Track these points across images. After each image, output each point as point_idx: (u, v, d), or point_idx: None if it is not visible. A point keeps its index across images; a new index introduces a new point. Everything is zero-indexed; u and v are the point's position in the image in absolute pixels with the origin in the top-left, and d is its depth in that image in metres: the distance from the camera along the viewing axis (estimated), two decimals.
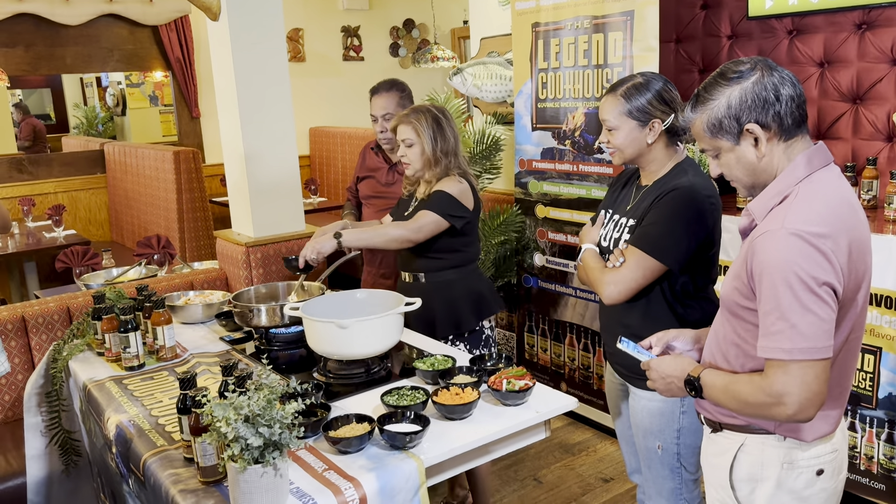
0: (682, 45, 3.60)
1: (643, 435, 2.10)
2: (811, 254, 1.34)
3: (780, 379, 1.37)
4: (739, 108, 1.45)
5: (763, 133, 1.45)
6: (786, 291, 1.34)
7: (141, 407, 2.06)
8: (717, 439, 1.63)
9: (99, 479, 2.35)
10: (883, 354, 2.55)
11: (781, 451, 1.52)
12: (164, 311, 2.37)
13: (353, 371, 2.16)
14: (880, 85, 2.94)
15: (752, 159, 1.48)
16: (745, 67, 1.46)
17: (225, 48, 3.09)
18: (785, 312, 1.35)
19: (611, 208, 2.17)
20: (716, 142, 1.50)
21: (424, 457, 1.70)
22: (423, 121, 2.51)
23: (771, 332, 1.37)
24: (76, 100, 8.37)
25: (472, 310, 2.59)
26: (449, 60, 6.48)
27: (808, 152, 1.46)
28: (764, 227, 1.42)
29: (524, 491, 3.12)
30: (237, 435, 1.45)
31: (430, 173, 2.56)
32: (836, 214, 1.40)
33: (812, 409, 1.37)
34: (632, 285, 1.96)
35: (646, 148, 2.01)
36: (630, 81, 2.00)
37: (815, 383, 1.35)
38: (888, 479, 2.60)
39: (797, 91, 1.45)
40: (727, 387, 1.48)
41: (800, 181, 1.44)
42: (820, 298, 1.34)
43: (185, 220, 5.20)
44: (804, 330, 1.34)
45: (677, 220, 1.93)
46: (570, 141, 3.41)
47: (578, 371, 3.63)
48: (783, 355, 1.36)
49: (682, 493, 2.10)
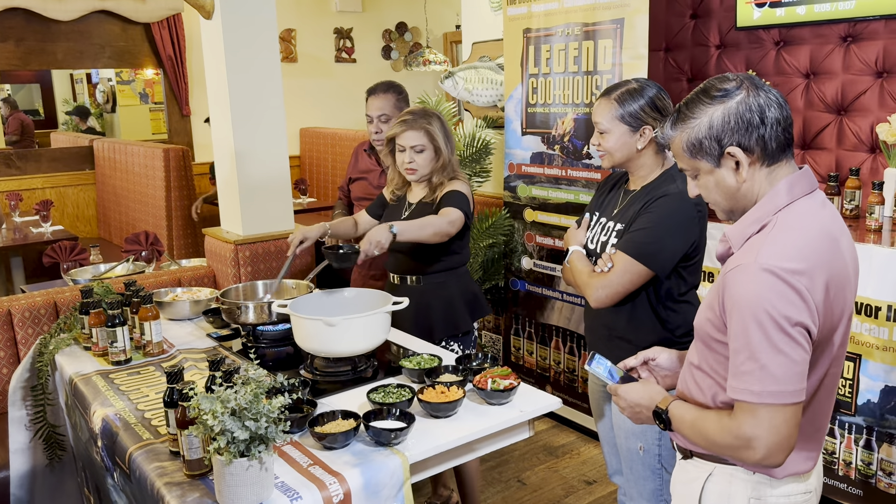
0: (671, 54, 3.65)
1: (625, 436, 2.13)
2: (784, 291, 1.26)
3: (748, 422, 1.29)
4: (721, 130, 1.36)
5: (745, 157, 1.36)
6: (756, 330, 1.27)
7: (127, 401, 2.07)
8: (687, 467, 1.57)
9: (83, 473, 2.35)
10: (862, 361, 2.59)
11: (749, 486, 1.45)
12: (151, 306, 2.37)
13: (339, 369, 2.17)
14: (864, 97, 2.99)
15: (731, 184, 1.40)
16: (731, 86, 1.37)
17: (217, 46, 3.10)
18: (755, 352, 1.27)
19: (597, 211, 2.20)
20: (695, 162, 1.42)
21: (409, 453, 1.71)
22: (436, 125, 2.50)
23: (740, 372, 1.30)
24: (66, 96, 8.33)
25: (468, 310, 2.62)
26: (440, 64, 6.52)
27: (790, 178, 1.38)
28: (737, 259, 1.35)
29: (508, 492, 3.14)
30: (223, 428, 1.47)
31: (438, 177, 2.56)
32: (814, 248, 1.31)
33: (781, 454, 1.30)
34: (619, 290, 1.99)
35: (635, 153, 2.04)
36: (625, 86, 2.03)
37: (784, 427, 1.28)
38: (865, 485, 2.64)
39: (784, 113, 1.36)
40: (694, 423, 1.42)
41: (779, 209, 1.36)
42: (792, 339, 1.26)
43: (173, 217, 5.19)
44: (774, 371, 1.26)
45: (665, 226, 1.96)
46: (559, 146, 3.44)
47: (563, 374, 3.66)
48: (752, 398, 1.28)
49: (662, 494, 2.12)
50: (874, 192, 2.74)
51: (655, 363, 1.68)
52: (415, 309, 2.44)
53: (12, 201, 5.42)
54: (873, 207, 2.73)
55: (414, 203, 2.62)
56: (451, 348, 2.59)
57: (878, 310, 2.54)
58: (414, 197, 2.63)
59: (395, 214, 2.66)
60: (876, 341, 2.55)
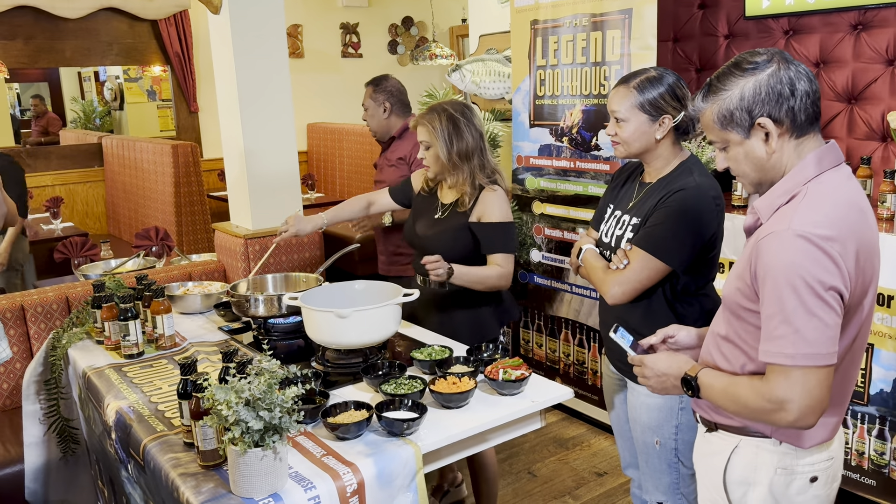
0: (679, 44, 3.63)
1: (641, 430, 2.10)
2: (818, 257, 1.30)
3: (781, 385, 1.32)
4: (752, 101, 1.39)
5: (775, 128, 1.40)
6: (790, 295, 1.30)
7: (140, 393, 2.08)
8: (712, 439, 1.59)
9: (97, 465, 2.36)
10: (875, 351, 2.58)
11: (776, 456, 1.48)
12: (163, 299, 2.38)
13: (350, 360, 2.18)
14: (875, 85, 2.98)
15: (761, 155, 1.42)
16: (762, 59, 1.40)
17: (226, 41, 3.11)
18: (789, 317, 1.31)
19: (612, 203, 2.15)
20: (725, 134, 1.45)
21: (422, 443, 1.72)
22: (438, 122, 2.40)
23: (774, 337, 1.33)
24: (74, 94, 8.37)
25: (497, 316, 2.52)
26: (447, 58, 6.51)
27: (818, 151, 1.42)
28: (769, 227, 1.37)
29: (518, 484, 3.15)
30: (238, 418, 1.47)
31: (453, 178, 2.45)
32: (845, 217, 1.35)
33: (813, 416, 1.33)
34: (636, 286, 1.95)
35: (653, 143, 1.98)
36: (644, 74, 1.97)
37: (817, 390, 1.31)
38: (879, 475, 2.63)
39: (813, 87, 1.40)
40: (726, 388, 1.44)
41: (808, 181, 1.39)
42: (826, 303, 1.30)
43: (182, 213, 5.21)
44: (808, 335, 1.30)
45: (683, 221, 1.91)
46: (567, 138, 3.43)
47: (573, 366, 3.66)
48: (786, 361, 1.31)
49: (679, 488, 2.10)
50: (886, 181, 2.72)
51: (674, 340, 1.70)
52: (439, 319, 2.42)
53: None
54: (885, 196, 2.71)
55: (447, 205, 2.50)
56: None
57: (890, 299, 2.53)
58: (445, 196, 2.53)
59: (425, 212, 2.57)
60: (889, 331, 2.54)
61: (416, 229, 2.55)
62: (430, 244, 2.46)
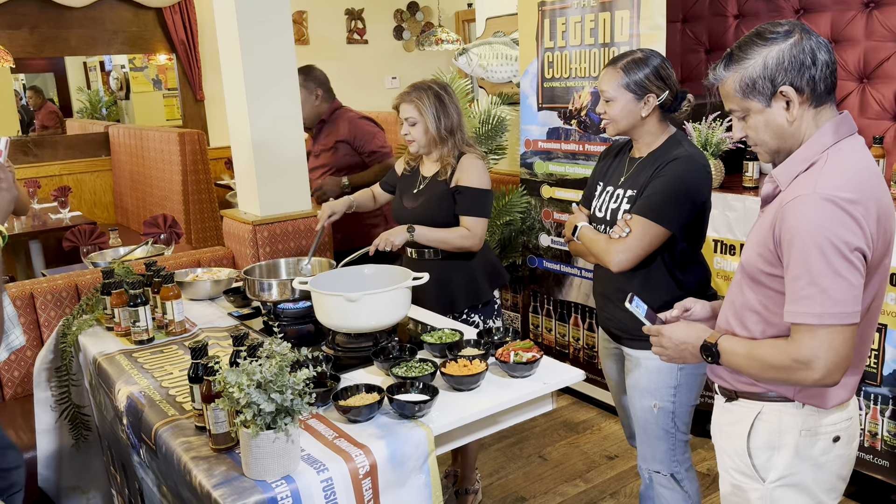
0: (688, 25, 3.59)
1: (639, 395, 2.16)
2: (843, 219, 1.34)
3: (808, 343, 1.36)
4: (776, 69, 1.42)
5: (796, 96, 1.43)
6: (817, 256, 1.34)
7: (151, 379, 2.08)
8: (732, 408, 1.62)
9: (109, 451, 2.37)
10: (888, 331, 2.56)
11: (799, 419, 1.52)
12: (173, 285, 2.38)
13: (361, 344, 2.17)
14: (887, 64, 2.94)
15: (781, 123, 1.46)
16: (784, 29, 1.43)
17: (231, 28, 3.09)
18: (816, 277, 1.34)
19: (601, 181, 2.24)
20: (746, 102, 1.47)
21: (433, 425, 1.71)
22: (427, 99, 2.53)
23: (800, 297, 1.37)
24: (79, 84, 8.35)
25: (489, 280, 2.65)
26: (453, 43, 6.48)
27: (835, 120, 1.45)
28: (794, 192, 1.41)
29: (529, 468, 3.14)
30: (250, 400, 1.47)
31: (437, 152, 2.59)
32: (865, 181, 1.39)
33: (838, 373, 1.37)
34: (639, 252, 2.02)
35: (639, 121, 2.09)
36: (630, 56, 2.08)
37: (843, 348, 1.36)
38: (892, 456, 2.62)
39: (832, 58, 1.43)
40: (749, 352, 1.48)
41: (827, 148, 1.44)
42: (851, 264, 1.34)
43: (189, 202, 5.21)
44: (835, 295, 1.34)
45: (679, 187, 2.01)
46: (576, 120, 3.41)
47: (583, 350, 3.65)
48: (813, 320, 1.35)
49: (675, 455, 2.17)
50: None
51: (690, 313, 1.74)
52: (435, 282, 2.44)
53: (30, 188, 5.46)
54: None
55: (428, 177, 2.63)
56: (471, 320, 2.60)
57: None
58: (427, 170, 2.65)
59: (408, 187, 2.69)
60: None
61: (403, 203, 2.69)
62: (416, 214, 2.60)
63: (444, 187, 2.56)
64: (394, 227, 2.60)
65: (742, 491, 1.62)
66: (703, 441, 3.15)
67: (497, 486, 3.01)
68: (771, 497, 1.56)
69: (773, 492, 1.56)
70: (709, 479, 2.94)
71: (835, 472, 1.55)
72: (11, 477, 2.14)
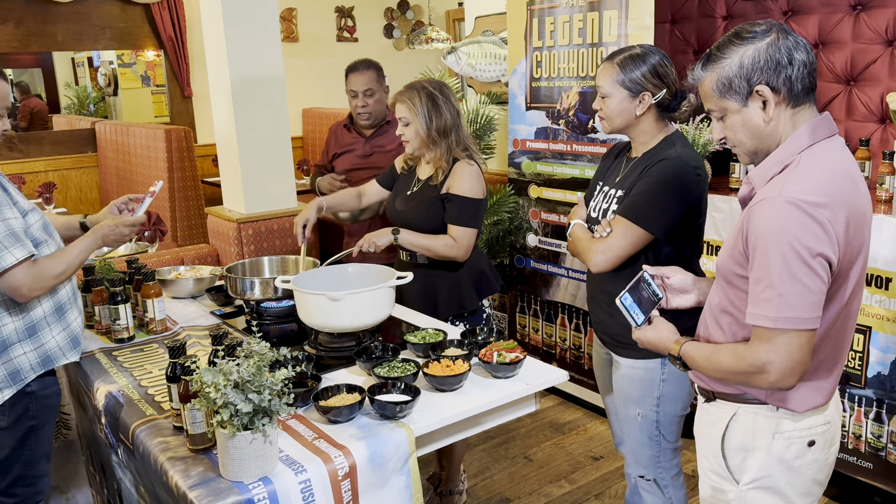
0: (677, 26, 3.59)
1: (623, 403, 2.15)
2: (807, 223, 1.32)
3: (763, 347, 1.37)
4: (751, 69, 1.41)
5: (772, 96, 1.42)
6: (777, 260, 1.33)
7: (130, 378, 2.05)
8: (710, 409, 1.63)
9: (88, 451, 2.34)
10: (872, 334, 2.56)
11: (773, 422, 1.52)
12: (154, 283, 2.35)
13: (343, 344, 2.15)
14: (874, 66, 2.94)
15: (758, 123, 1.44)
16: (761, 29, 1.43)
17: (217, 24, 3.06)
18: (774, 281, 1.34)
19: (601, 180, 2.20)
20: (723, 102, 1.46)
21: (415, 426, 1.70)
22: (417, 99, 2.46)
23: (759, 300, 1.37)
24: (67, 80, 8.29)
25: (475, 288, 2.58)
26: (443, 42, 6.46)
27: (813, 122, 1.44)
28: (762, 194, 1.40)
29: (514, 468, 3.13)
30: (226, 401, 1.45)
31: (431, 154, 2.52)
32: (837, 185, 1.38)
33: (793, 377, 1.37)
34: (619, 253, 1.99)
35: (634, 119, 2.03)
36: (628, 52, 2.03)
37: (797, 353, 1.35)
38: (876, 458, 2.62)
39: (810, 58, 1.42)
40: (710, 357, 1.49)
41: (802, 150, 1.42)
42: (811, 269, 1.33)
43: (176, 199, 5.16)
44: (792, 300, 1.33)
45: (663, 189, 1.96)
46: (563, 120, 3.40)
47: (570, 351, 3.64)
48: (768, 323, 1.35)
49: (660, 462, 2.15)
50: (885, 163, 2.69)
51: (669, 282, 1.76)
52: (421, 288, 2.42)
53: (15, 184, 5.40)
54: (884, 178, 2.68)
55: (422, 180, 2.58)
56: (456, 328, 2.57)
57: (888, 281, 2.50)
58: (423, 172, 2.60)
59: (403, 188, 2.65)
60: (886, 313, 2.52)
61: (395, 205, 2.64)
62: (406, 218, 2.55)
63: (434, 193, 2.51)
64: (380, 229, 2.55)
65: (721, 493, 1.62)
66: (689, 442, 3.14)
67: (482, 487, 3.00)
68: (745, 499, 1.56)
69: (747, 493, 1.56)
70: (693, 480, 2.93)
71: (810, 476, 1.55)
72: (38, 485, 2.13)
